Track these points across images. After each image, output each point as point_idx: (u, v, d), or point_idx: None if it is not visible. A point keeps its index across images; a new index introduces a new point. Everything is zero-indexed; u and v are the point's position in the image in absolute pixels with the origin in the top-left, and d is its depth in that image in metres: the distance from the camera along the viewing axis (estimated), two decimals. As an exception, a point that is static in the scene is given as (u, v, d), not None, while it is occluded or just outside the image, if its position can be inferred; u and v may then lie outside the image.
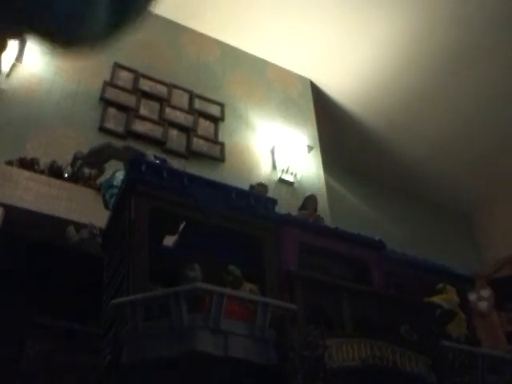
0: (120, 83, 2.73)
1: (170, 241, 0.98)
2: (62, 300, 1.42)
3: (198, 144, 2.80)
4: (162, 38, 3.00)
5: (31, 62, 2.50)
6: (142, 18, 0.42)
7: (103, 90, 2.62)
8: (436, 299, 0.94)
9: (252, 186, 2.02)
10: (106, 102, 2.60)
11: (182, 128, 2.87)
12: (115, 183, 1.55)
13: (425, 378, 0.66)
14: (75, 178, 2.09)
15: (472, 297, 1.75)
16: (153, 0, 0.43)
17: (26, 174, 1.97)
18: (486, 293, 2.45)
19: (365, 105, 3.51)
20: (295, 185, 2.87)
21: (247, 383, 0.60)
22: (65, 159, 2.12)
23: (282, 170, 2.88)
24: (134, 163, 0.86)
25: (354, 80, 3.34)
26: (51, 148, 2.24)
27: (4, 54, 2.46)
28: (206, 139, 2.85)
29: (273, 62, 3.42)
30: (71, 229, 1.71)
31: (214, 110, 3.01)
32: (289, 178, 2.88)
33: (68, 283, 1.45)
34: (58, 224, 1.74)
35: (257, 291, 0.77)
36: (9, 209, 1.69)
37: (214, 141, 2.87)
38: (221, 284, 0.70)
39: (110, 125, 2.57)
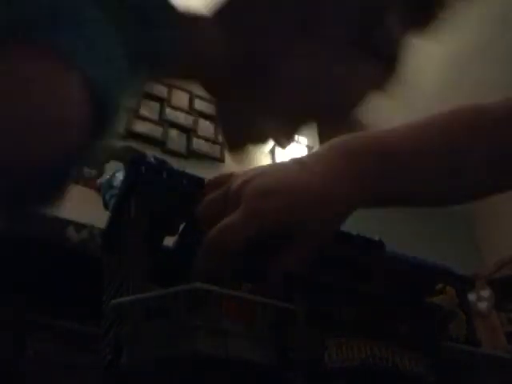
0: (120, 83, 2.73)
1: (170, 241, 0.98)
2: (62, 300, 1.42)
3: (198, 144, 2.80)
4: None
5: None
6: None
7: (103, 90, 2.62)
8: (436, 299, 0.94)
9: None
10: (105, 102, 2.61)
11: (181, 128, 2.87)
12: (115, 183, 1.55)
13: (425, 378, 0.66)
14: (75, 178, 2.09)
15: (472, 297, 1.76)
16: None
17: (26, 174, 1.97)
18: (485, 293, 2.45)
19: (365, 105, 3.51)
20: (295, 185, 2.87)
21: (247, 383, 0.60)
22: (65, 159, 2.12)
23: (282, 170, 2.88)
24: (134, 163, 0.86)
25: (354, 80, 3.33)
26: (51, 148, 2.24)
27: None
28: (206, 139, 2.85)
29: (273, 62, 3.42)
30: (71, 229, 1.71)
31: (214, 110, 3.02)
32: (289, 178, 2.88)
33: (68, 283, 1.45)
34: (58, 224, 1.74)
35: (256, 291, 0.77)
36: (9, 209, 1.69)
37: (214, 141, 2.87)
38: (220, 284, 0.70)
39: (109, 125, 2.57)
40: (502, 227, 4.22)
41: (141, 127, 2.71)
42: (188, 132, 2.86)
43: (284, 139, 0.48)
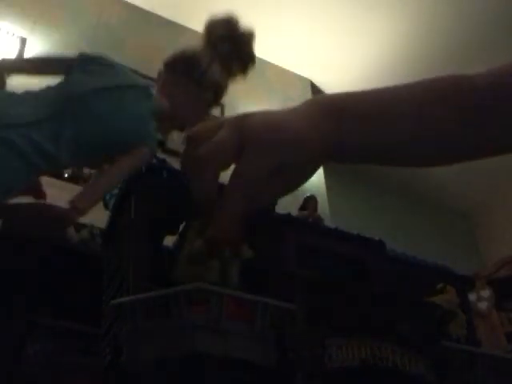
0: (120, 83, 2.73)
1: (170, 241, 0.98)
2: (62, 300, 1.42)
3: (198, 144, 2.81)
4: (162, 37, 3.00)
5: (31, 62, 2.49)
6: None
7: (103, 90, 2.62)
8: (436, 299, 0.94)
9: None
10: (106, 102, 2.61)
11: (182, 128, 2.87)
12: (115, 183, 1.55)
13: (425, 378, 0.66)
14: (75, 178, 2.09)
15: (472, 297, 1.76)
16: None
17: (26, 174, 1.97)
18: (485, 293, 2.44)
19: (365, 105, 3.51)
20: (295, 185, 2.86)
21: (247, 383, 0.60)
22: (65, 159, 2.12)
23: (282, 170, 2.88)
24: (134, 163, 0.86)
25: (354, 80, 3.34)
26: (51, 148, 2.24)
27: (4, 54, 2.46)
28: (206, 139, 2.85)
29: (273, 62, 3.42)
30: (71, 229, 1.71)
31: (214, 111, 3.01)
32: (289, 178, 2.88)
33: (68, 283, 1.45)
34: (57, 224, 1.73)
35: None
36: (9, 209, 1.69)
37: (214, 141, 2.88)
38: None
39: (110, 125, 2.57)
40: (501, 227, 4.22)
41: (141, 127, 2.73)
42: (188, 132, 2.88)
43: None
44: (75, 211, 1.16)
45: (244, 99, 3.14)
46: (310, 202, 2.22)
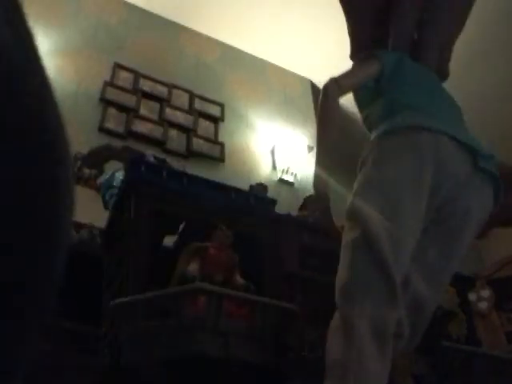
0: (120, 83, 2.72)
1: (170, 241, 0.98)
2: (62, 300, 1.43)
3: (198, 144, 2.79)
4: (161, 37, 3.00)
5: (31, 62, 2.50)
6: None
7: (103, 91, 2.61)
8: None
9: (252, 187, 2.02)
10: (106, 103, 2.59)
11: (181, 128, 2.86)
12: (115, 183, 1.55)
13: (425, 378, 0.66)
14: (75, 178, 2.09)
15: (472, 297, 1.75)
16: None
17: (26, 174, 1.97)
18: (485, 293, 2.44)
19: (365, 105, 3.51)
20: (295, 185, 2.86)
21: (247, 383, 0.60)
22: (65, 159, 2.12)
23: (282, 170, 2.87)
24: (134, 163, 0.86)
25: (354, 80, 3.34)
26: (51, 148, 2.24)
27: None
28: (205, 139, 2.84)
29: (273, 62, 3.42)
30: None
31: (214, 110, 3.00)
32: (289, 178, 2.87)
33: (68, 283, 1.45)
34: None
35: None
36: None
37: (214, 141, 2.87)
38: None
39: (110, 125, 2.56)
40: (501, 227, 4.21)
41: (141, 127, 2.70)
42: (188, 132, 2.85)
43: None
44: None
45: (244, 99, 3.14)
46: (310, 201, 2.22)
